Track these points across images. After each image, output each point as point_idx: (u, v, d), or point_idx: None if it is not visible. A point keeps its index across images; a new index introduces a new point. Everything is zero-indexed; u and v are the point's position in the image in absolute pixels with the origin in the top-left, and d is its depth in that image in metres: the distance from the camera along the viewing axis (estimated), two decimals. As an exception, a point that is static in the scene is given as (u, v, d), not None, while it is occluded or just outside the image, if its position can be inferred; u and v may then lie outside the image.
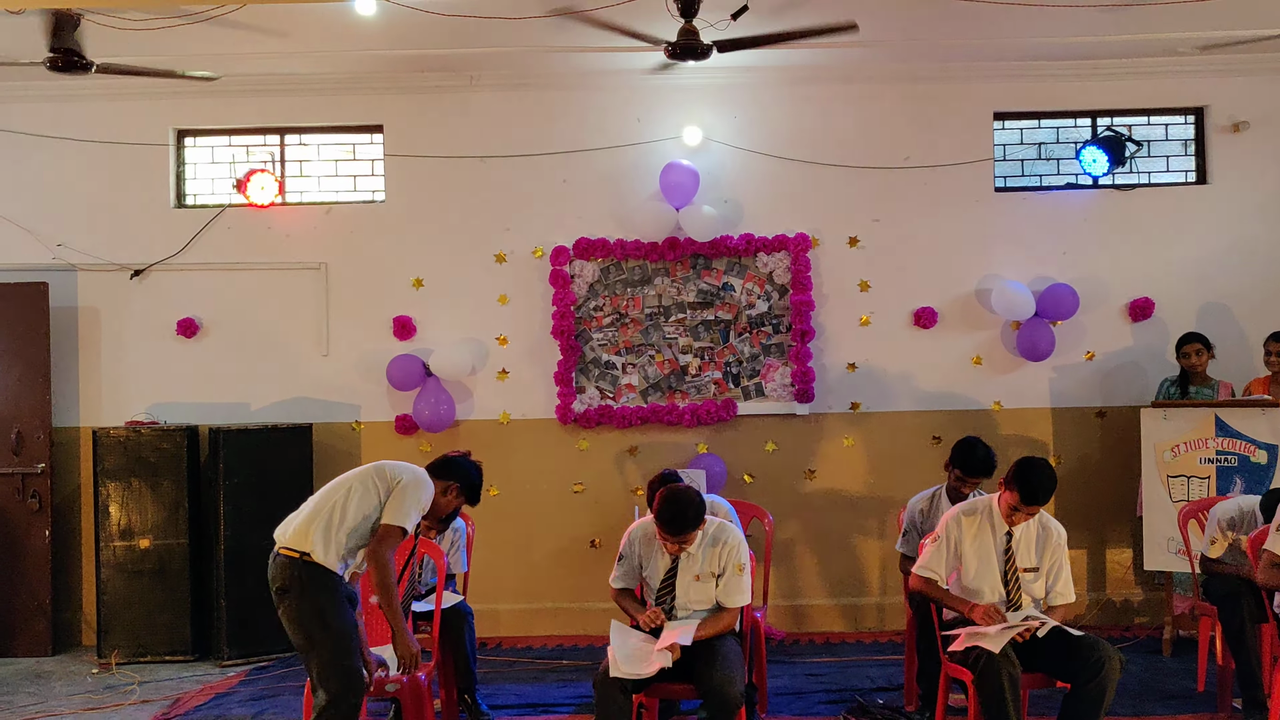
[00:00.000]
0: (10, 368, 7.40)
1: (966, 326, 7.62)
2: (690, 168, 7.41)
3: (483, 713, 5.69)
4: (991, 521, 4.93)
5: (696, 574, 4.88)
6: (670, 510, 4.72)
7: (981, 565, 4.90)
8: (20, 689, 6.54)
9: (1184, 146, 7.82)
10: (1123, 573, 7.54)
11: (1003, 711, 4.45)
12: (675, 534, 4.74)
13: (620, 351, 7.63)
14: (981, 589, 4.88)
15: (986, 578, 4.89)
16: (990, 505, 4.96)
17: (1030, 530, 4.92)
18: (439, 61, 7.41)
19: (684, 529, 4.74)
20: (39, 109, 7.67)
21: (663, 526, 4.75)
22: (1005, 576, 4.87)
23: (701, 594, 4.89)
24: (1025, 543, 4.90)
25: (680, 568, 4.90)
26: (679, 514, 4.72)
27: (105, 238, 7.69)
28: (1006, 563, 4.87)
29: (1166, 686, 6.04)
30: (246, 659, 7.00)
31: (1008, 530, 4.89)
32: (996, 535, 4.90)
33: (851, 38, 6.96)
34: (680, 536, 4.76)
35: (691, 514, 4.74)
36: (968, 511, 4.99)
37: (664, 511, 4.73)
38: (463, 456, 4.92)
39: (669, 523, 4.73)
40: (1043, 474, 4.77)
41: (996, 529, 4.91)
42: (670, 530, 4.74)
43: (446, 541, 5.80)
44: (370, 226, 7.73)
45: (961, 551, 4.92)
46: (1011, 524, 4.87)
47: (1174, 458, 6.70)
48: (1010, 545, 4.88)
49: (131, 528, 7.12)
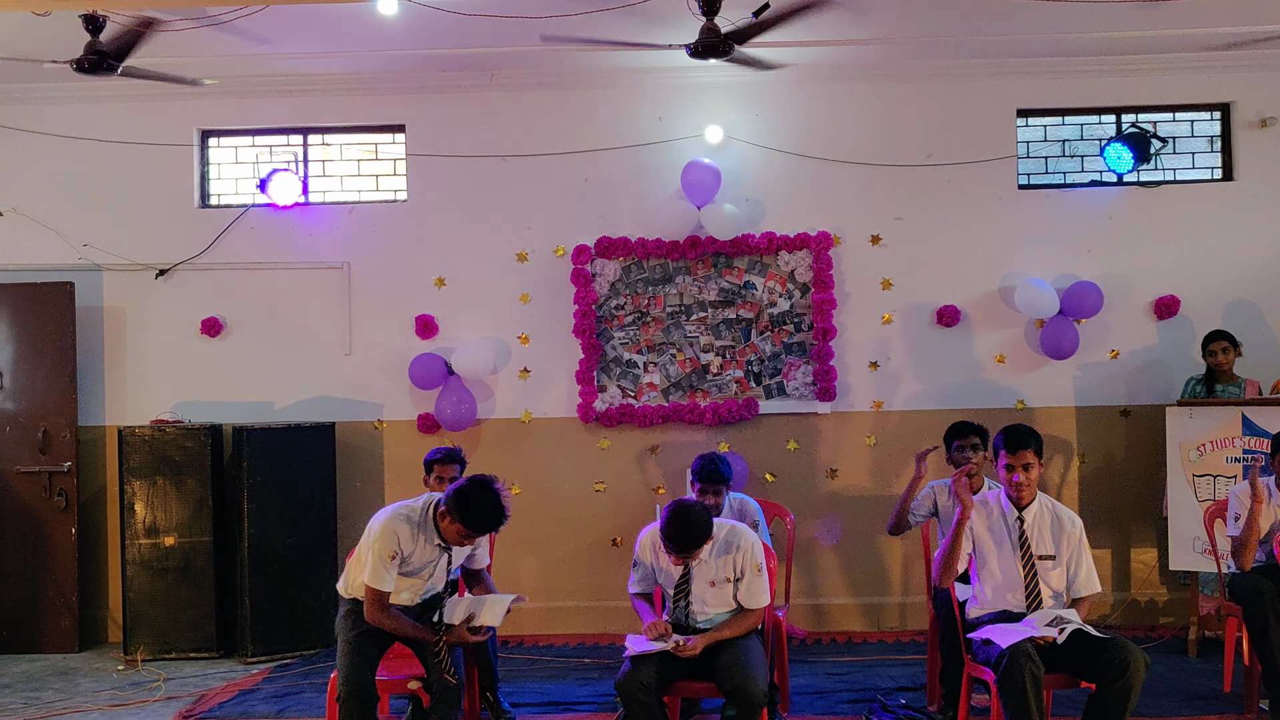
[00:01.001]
0: (37, 367, 7.46)
1: (990, 325, 7.59)
2: (712, 166, 7.40)
3: (504, 711, 5.70)
4: (1002, 511, 4.93)
5: (711, 580, 4.87)
6: (674, 528, 4.69)
7: (998, 552, 4.88)
8: (47, 685, 6.60)
9: (1210, 143, 7.75)
10: (1147, 573, 7.49)
11: (1025, 711, 4.42)
12: (680, 551, 4.73)
13: (641, 350, 7.63)
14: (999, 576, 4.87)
15: (1004, 565, 4.87)
16: (998, 497, 4.98)
17: (1044, 518, 4.91)
18: (461, 61, 7.42)
19: (689, 548, 4.72)
20: (65, 110, 7.74)
21: (667, 543, 4.73)
22: (1024, 563, 4.85)
23: (718, 599, 4.88)
24: (1039, 529, 4.88)
25: (694, 575, 4.88)
26: (683, 533, 4.68)
27: (130, 238, 7.75)
28: (1022, 548, 4.85)
29: (1192, 687, 6.00)
30: (270, 656, 7.04)
31: (1019, 516, 4.87)
32: (1009, 523, 4.90)
33: (874, 34, 7.00)
34: (686, 554, 4.75)
35: (697, 534, 4.71)
36: (979, 504, 4.99)
37: (669, 529, 4.70)
38: (481, 485, 4.66)
39: (673, 540, 4.70)
40: (1019, 426, 4.94)
41: (1008, 517, 4.91)
42: (675, 548, 4.72)
43: None
44: (392, 226, 7.76)
45: (977, 535, 4.92)
46: (1017, 495, 4.87)
47: (1200, 457, 6.64)
48: (1024, 531, 4.86)
49: (156, 525, 7.17)
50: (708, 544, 4.82)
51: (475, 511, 4.61)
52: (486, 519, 4.64)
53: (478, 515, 4.62)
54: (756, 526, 5.92)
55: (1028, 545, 4.86)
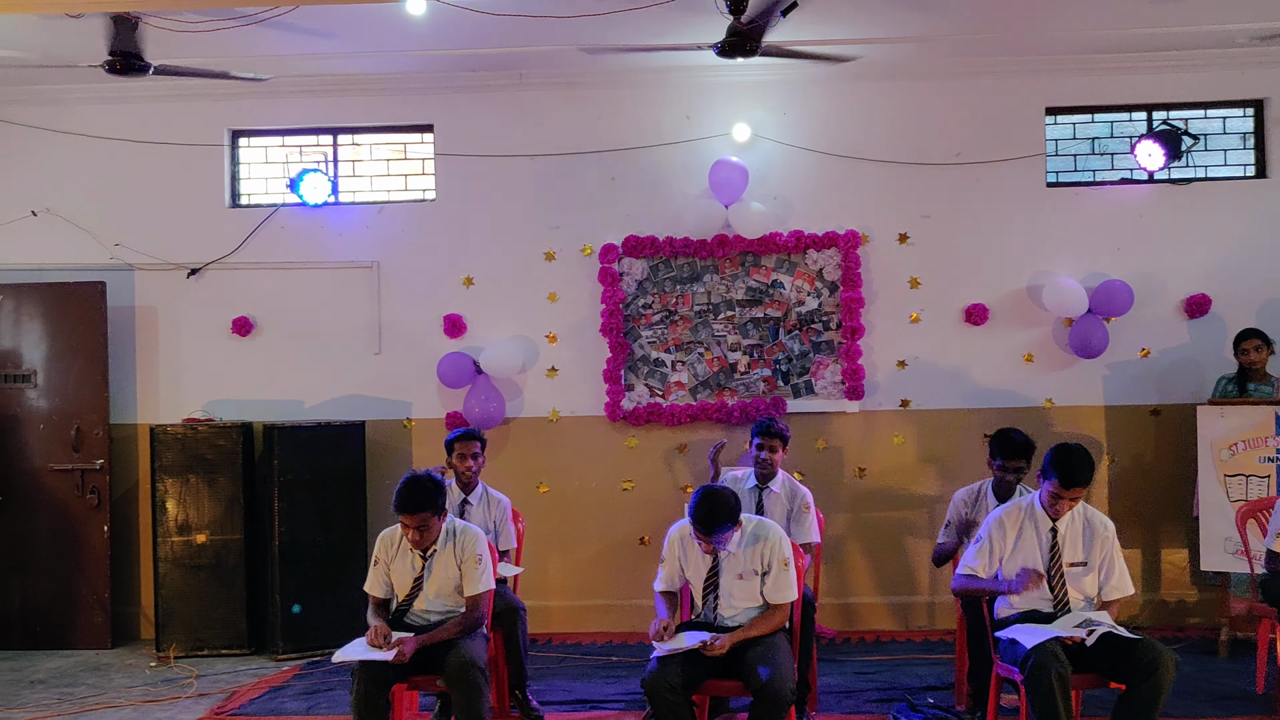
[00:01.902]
0: (70, 366, 7.55)
1: (1018, 323, 7.55)
2: (739, 165, 7.40)
3: (533, 709, 5.73)
4: (1034, 520, 4.88)
5: (739, 573, 4.87)
6: (703, 509, 4.70)
7: (1028, 559, 4.85)
8: (81, 680, 6.67)
9: (1242, 140, 7.68)
10: (1177, 573, 7.43)
11: (1052, 711, 4.41)
12: (708, 533, 4.72)
13: (669, 349, 7.64)
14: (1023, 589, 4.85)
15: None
16: (1031, 505, 4.91)
17: (1075, 524, 4.86)
18: (489, 61, 7.45)
19: (717, 527, 4.72)
20: (98, 111, 7.81)
21: (696, 525, 4.73)
22: (1050, 574, 4.82)
23: (746, 592, 4.88)
24: (1070, 538, 4.85)
25: (723, 567, 4.89)
26: (711, 513, 4.70)
27: (162, 237, 7.82)
28: (1052, 560, 4.82)
29: (1222, 688, 5.95)
30: (300, 653, 7.09)
31: (1052, 526, 4.84)
32: (1040, 533, 4.85)
33: (902, 32, 6.97)
34: (714, 536, 4.74)
35: (724, 514, 4.72)
36: (1009, 513, 4.94)
37: (698, 510, 4.71)
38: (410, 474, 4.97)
39: (702, 520, 4.71)
40: (1079, 456, 4.71)
41: (1040, 526, 4.86)
42: (703, 529, 4.72)
43: (481, 516, 5.96)
44: (421, 225, 7.79)
45: (1005, 552, 4.88)
46: (1055, 515, 4.82)
47: (1232, 456, 6.59)
48: (1056, 541, 4.83)
49: (188, 523, 7.24)
50: (736, 532, 4.82)
51: (395, 495, 4.87)
52: (398, 496, 4.86)
53: (396, 496, 4.87)
54: (808, 509, 5.97)
55: (1058, 555, 4.82)
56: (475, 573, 4.98)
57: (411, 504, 4.84)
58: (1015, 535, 4.88)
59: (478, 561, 4.98)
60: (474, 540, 5.03)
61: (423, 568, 4.99)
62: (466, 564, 4.98)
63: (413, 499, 4.84)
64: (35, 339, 7.57)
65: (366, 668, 4.67)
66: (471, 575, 4.98)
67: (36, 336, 7.57)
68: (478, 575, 4.98)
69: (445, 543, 4.99)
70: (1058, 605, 4.81)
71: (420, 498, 4.85)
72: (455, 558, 4.99)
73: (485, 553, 5.04)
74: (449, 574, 4.99)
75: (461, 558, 4.99)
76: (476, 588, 4.97)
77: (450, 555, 4.99)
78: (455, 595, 5.01)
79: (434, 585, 5.00)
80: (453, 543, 5.00)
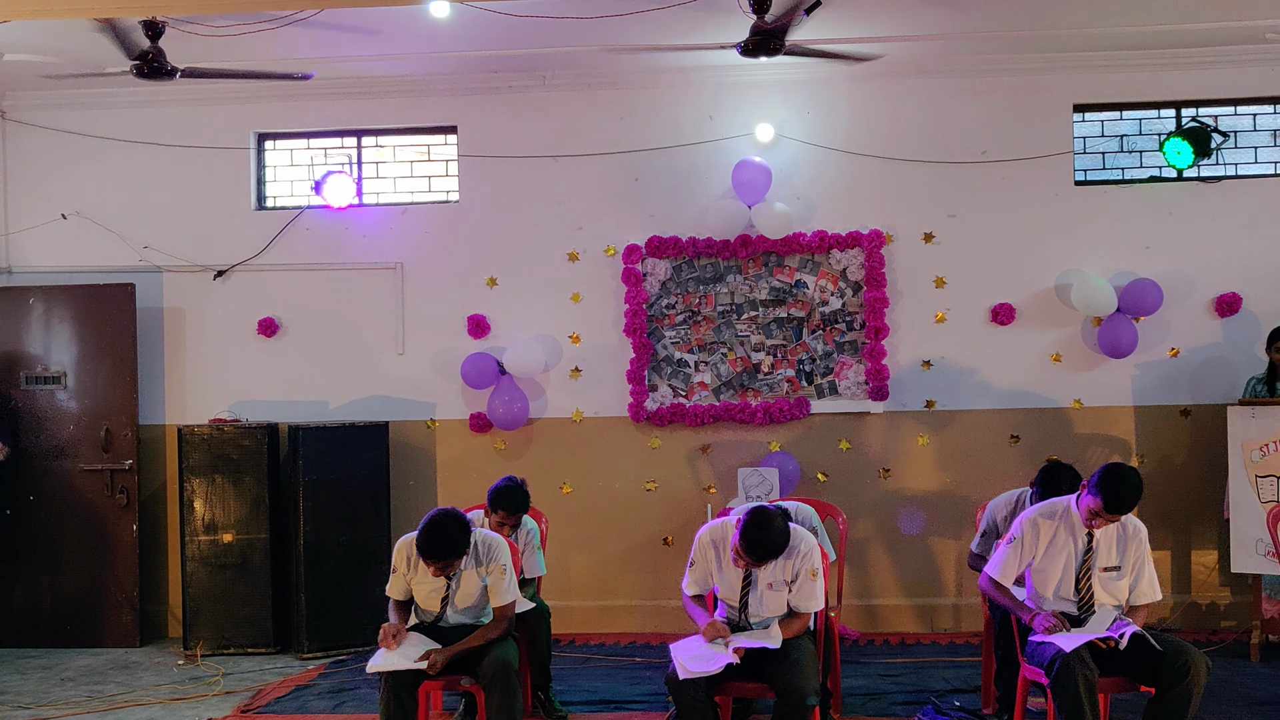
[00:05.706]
0: (99, 367, 7.61)
1: (1045, 323, 7.48)
2: (762, 165, 7.38)
3: (556, 709, 5.73)
4: (1070, 524, 4.80)
5: (770, 583, 4.85)
6: (756, 536, 4.62)
7: (1056, 568, 4.79)
8: (109, 678, 6.73)
9: (1273, 137, 7.59)
10: (1208, 575, 7.35)
11: (1079, 715, 4.35)
12: (758, 562, 4.70)
13: (692, 349, 7.62)
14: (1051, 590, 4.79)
15: (1060, 579, 4.79)
16: (1068, 508, 4.84)
17: (1110, 530, 4.80)
18: (512, 62, 7.46)
19: (767, 558, 4.70)
20: (126, 114, 7.88)
21: (746, 551, 4.66)
22: (1079, 579, 4.76)
23: (775, 601, 4.86)
24: (1105, 543, 4.78)
25: (756, 578, 4.85)
26: (764, 542, 4.63)
27: (189, 240, 7.88)
28: (1081, 565, 4.75)
29: (1256, 692, 5.87)
30: (325, 652, 7.12)
31: (1089, 533, 4.77)
32: (1077, 538, 4.77)
33: (926, 30, 6.93)
34: (760, 564, 4.73)
35: (779, 544, 4.68)
36: (1046, 515, 4.85)
37: (750, 536, 4.62)
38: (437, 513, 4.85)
39: (754, 548, 4.64)
40: (1129, 483, 4.58)
41: (1077, 532, 4.78)
42: (755, 557, 4.67)
43: (520, 543, 5.85)
44: (445, 226, 7.81)
45: (1036, 555, 4.82)
46: (1091, 528, 4.76)
47: (1263, 457, 6.51)
48: (1091, 545, 4.77)
49: (215, 523, 7.29)
50: None
51: (420, 535, 4.82)
52: (423, 537, 4.79)
53: (420, 536, 4.82)
54: (816, 534, 5.88)
55: (1089, 560, 4.75)
56: (502, 584, 4.99)
57: (436, 553, 4.79)
58: (1050, 537, 4.81)
59: (504, 572, 4.99)
60: (499, 551, 5.03)
61: (447, 586, 5.00)
62: (493, 575, 4.99)
63: (438, 547, 4.78)
64: (65, 341, 7.64)
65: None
66: (499, 586, 4.98)
67: (66, 338, 7.64)
68: (504, 586, 4.99)
69: (469, 560, 4.98)
70: (1083, 609, 4.76)
71: (444, 547, 4.78)
72: (480, 571, 4.99)
73: (509, 563, 5.05)
74: (474, 587, 5.01)
75: (488, 569, 4.99)
76: (504, 598, 4.99)
77: (475, 570, 5.00)
78: (483, 599, 5.03)
79: (461, 599, 5.02)
80: (477, 556, 5.00)
